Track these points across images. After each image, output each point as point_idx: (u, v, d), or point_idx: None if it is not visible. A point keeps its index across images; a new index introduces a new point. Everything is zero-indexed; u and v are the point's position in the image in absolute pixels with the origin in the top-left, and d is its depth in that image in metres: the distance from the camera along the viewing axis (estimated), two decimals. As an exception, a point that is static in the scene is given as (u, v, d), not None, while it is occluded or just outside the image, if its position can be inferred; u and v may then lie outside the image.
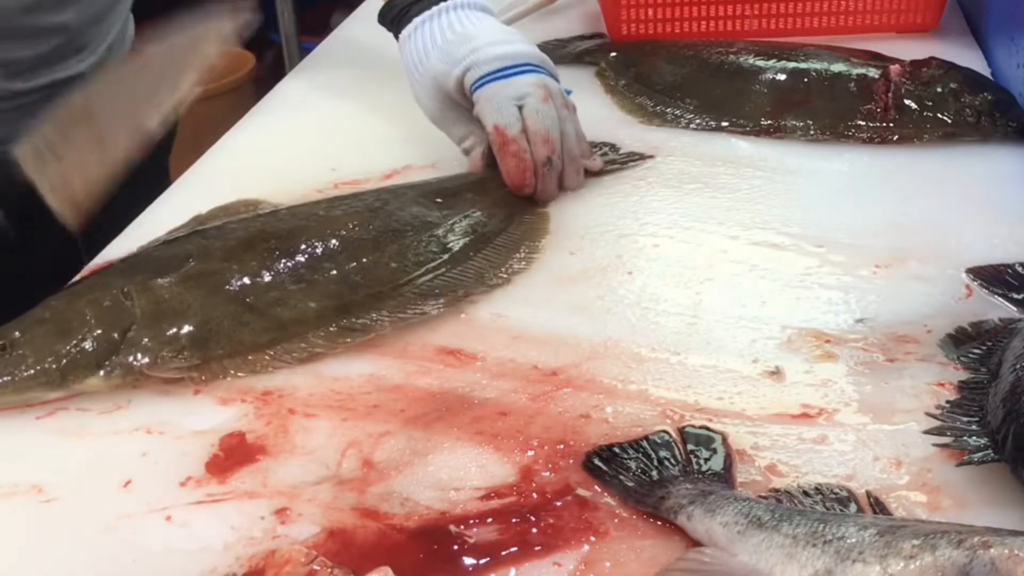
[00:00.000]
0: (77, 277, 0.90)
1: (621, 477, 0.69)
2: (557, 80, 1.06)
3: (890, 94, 1.15)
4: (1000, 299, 0.86)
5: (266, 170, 1.11)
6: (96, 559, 0.66)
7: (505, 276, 0.92)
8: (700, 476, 0.68)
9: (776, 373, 0.79)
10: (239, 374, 0.81)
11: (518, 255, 0.95)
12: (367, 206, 0.95)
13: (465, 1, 1.08)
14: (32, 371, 0.78)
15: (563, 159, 1.03)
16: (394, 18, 1.11)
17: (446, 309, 0.87)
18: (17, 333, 0.80)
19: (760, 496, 0.65)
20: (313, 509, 0.68)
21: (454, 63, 1.04)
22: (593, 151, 1.09)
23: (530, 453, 0.72)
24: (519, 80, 1.03)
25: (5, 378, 0.78)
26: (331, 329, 0.84)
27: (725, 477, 0.68)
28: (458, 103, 1.06)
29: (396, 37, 1.11)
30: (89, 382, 0.79)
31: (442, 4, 1.08)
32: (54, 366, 0.78)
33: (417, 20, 1.08)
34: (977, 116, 1.12)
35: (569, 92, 1.08)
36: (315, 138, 1.21)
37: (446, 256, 0.92)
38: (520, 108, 1.01)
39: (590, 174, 1.07)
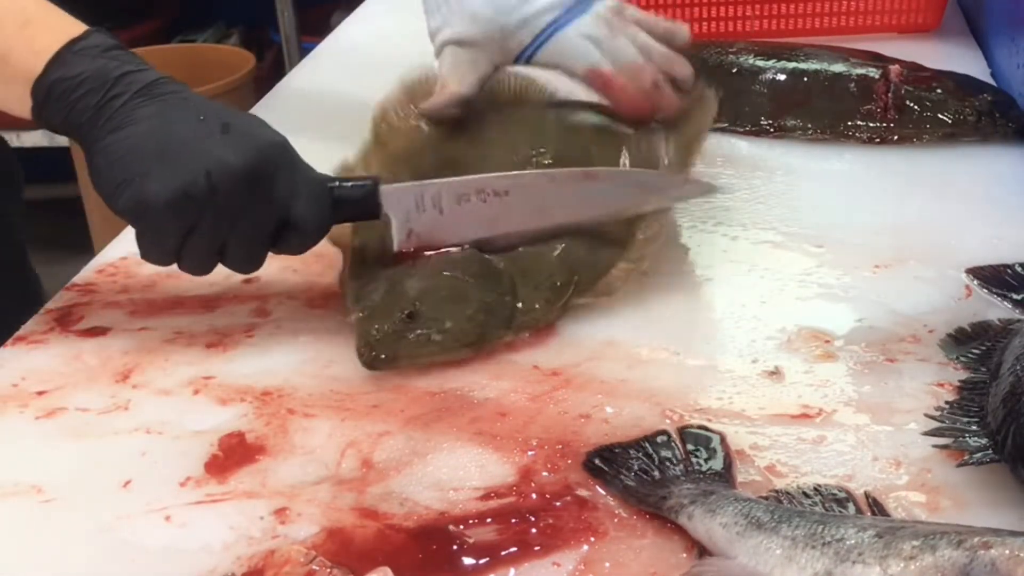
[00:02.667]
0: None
1: (622, 477, 0.69)
2: None
3: (890, 94, 1.15)
4: (1000, 299, 0.86)
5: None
6: (95, 559, 0.66)
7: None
8: (701, 476, 0.68)
9: (776, 373, 0.79)
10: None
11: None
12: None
13: None
14: (454, 333, 0.81)
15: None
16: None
17: None
18: (416, 303, 0.82)
19: (761, 496, 0.65)
20: (312, 509, 0.68)
21: (504, 11, 0.98)
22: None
23: (530, 453, 0.72)
24: (579, 24, 0.98)
25: (435, 338, 0.81)
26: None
27: (726, 477, 0.68)
28: (481, 40, 1.00)
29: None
30: (503, 339, 0.83)
31: None
32: (472, 327, 0.82)
33: None
34: (977, 117, 1.12)
35: None
36: (315, 138, 1.21)
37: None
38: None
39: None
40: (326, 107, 1.28)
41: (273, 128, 0.84)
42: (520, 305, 0.84)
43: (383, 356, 0.80)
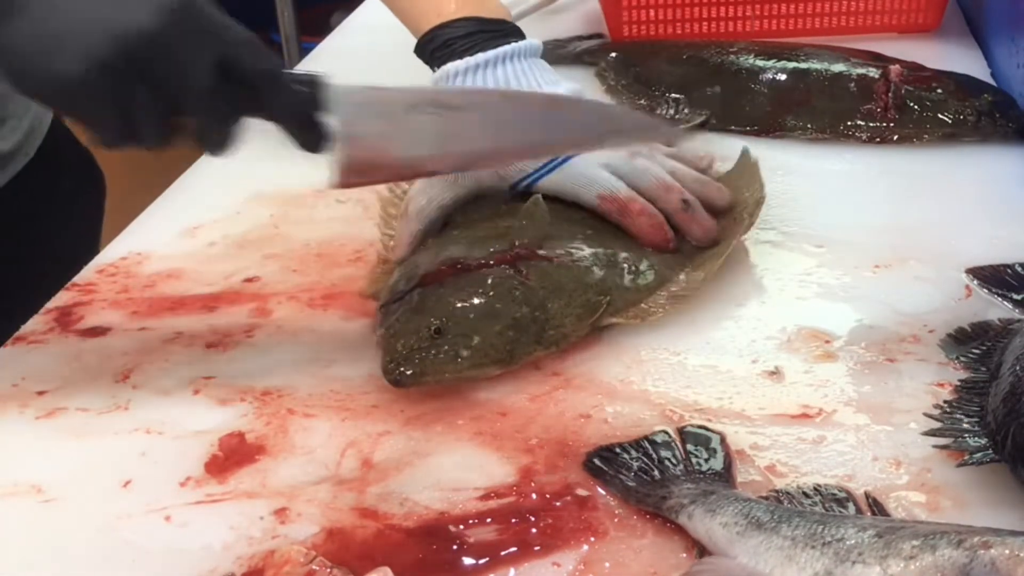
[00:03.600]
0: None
1: (622, 477, 0.69)
2: None
3: (890, 94, 1.15)
4: (1000, 299, 0.86)
5: (265, 170, 1.11)
6: (95, 559, 0.66)
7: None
8: (701, 476, 0.68)
9: (775, 373, 0.79)
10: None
11: None
12: None
13: (521, 48, 0.95)
14: (483, 349, 0.79)
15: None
16: (435, 50, 0.96)
17: None
18: (443, 319, 0.80)
19: (761, 496, 0.65)
20: (312, 509, 0.68)
21: None
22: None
23: (530, 453, 0.72)
24: (594, 153, 0.92)
25: (463, 353, 0.79)
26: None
27: (726, 477, 0.68)
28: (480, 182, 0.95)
29: (433, 70, 0.97)
30: (533, 355, 0.81)
31: (497, 50, 0.93)
32: (501, 343, 0.80)
33: (464, 63, 0.93)
34: (977, 117, 1.12)
35: None
36: (315, 138, 1.21)
37: None
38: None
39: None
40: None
41: None
42: (549, 321, 0.82)
43: (409, 372, 0.78)
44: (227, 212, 1.05)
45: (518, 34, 0.97)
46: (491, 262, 0.85)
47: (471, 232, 0.90)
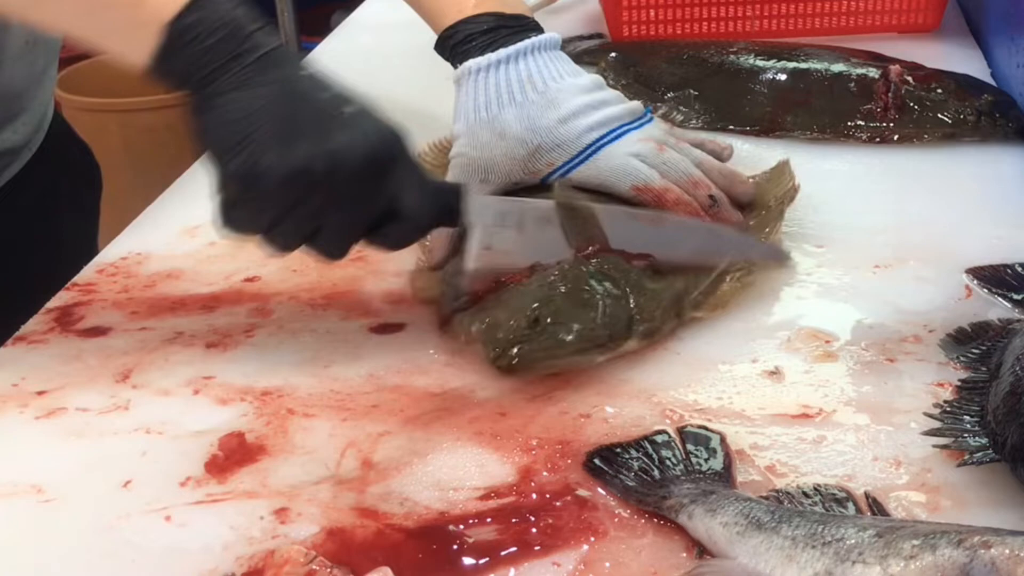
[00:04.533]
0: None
1: (622, 477, 0.69)
2: (649, 114, 0.97)
3: (890, 94, 1.15)
4: (1000, 299, 0.86)
5: (266, 170, 1.11)
6: (95, 559, 0.66)
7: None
8: (701, 476, 0.68)
9: (775, 373, 0.79)
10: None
11: None
12: None
13: (541, 42, 0.96)
14: (584, 333, 0.79)
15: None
16: (455, 45, 0.97)
17: None
18: (538, 308, 0.80)
19: (761, 496, 0.65)
20: (312, 509, 0.68)
21: (538, 131, 0.93)
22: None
23: (530, 453, 0.72)
24: (623, 143, 0.93)
25: (567, 338, 0.79)
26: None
27: (726, 477, 0.68)
28: (508, 172, 0.95)
29: (454, 66, 0.97)
30: (627, 345, 0.81)
31: (518, 45, 0.94)
32: (601, 327, 0.80)
33: (486, 59, 0.94)
34: (977, 117, 1.12)
35: (648, 112, 0.98)
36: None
37: None
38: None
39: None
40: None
41: (388, 116, 0.79)
42: (640, 312, 0.82)
43: (516, 360, 0.78)
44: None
45: (537, 28, 0.97)
46: (564, 261, 0.85)
47: None
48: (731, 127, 1.18)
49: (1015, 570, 0.52)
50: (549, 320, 0.79)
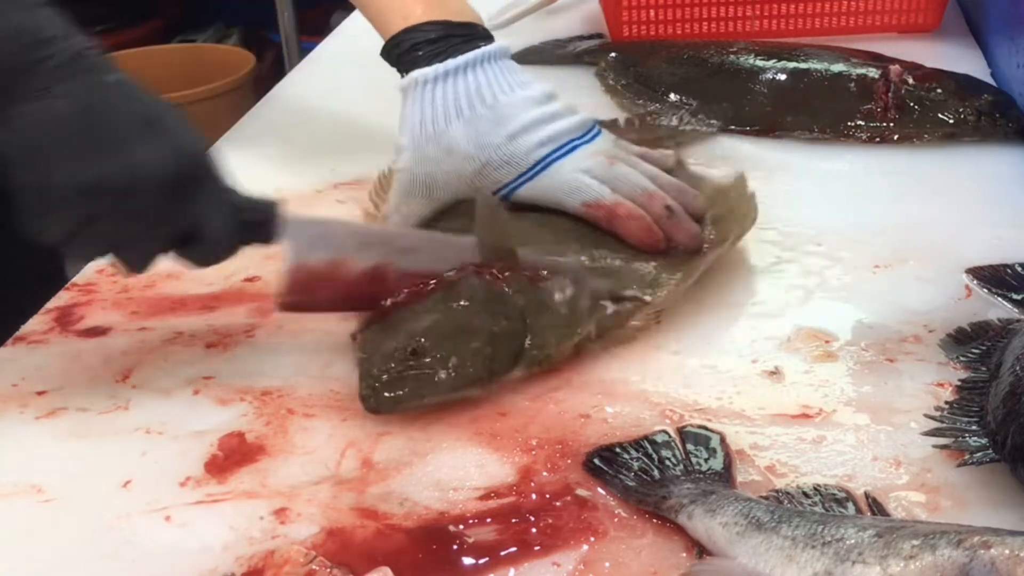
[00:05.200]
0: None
1: (622, 476, 0.69)
2: (598, 127, 0.94)
3: (890, 94, 1.15)
4: (1000, 299, 0.86)
5: (265, 170, 1.12)
6: (95, 559, 0.66)
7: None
8: (701, 476, 0.68)
9: (775, 373, 0.79)
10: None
11: None
12: None
13: (490, 52, 0.93)
14: (461, 370, 0.77)
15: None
16: (401, 55, 0.94)
17: None
18: (421, 339, 0.78)
19: (761, 496, 0.65)
20: (312, 509, 0.68)
21: (486, 148, 0.90)
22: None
23: (530, 453, 0.72)
24: (573, 159, 0.90)
25: (441, 376, 0.77)
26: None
27: (726, 477, 0.68)
28: (457, 188, 0.93)
29: (400, 75, 0.94)
30: (512, 375, 0.79)
31: (466, 56, 0.91)
32: (480, 361, 0.77)
33: (433, 70, 0.91)
34: (977, 116, 1.12)
35: (596, 125, 0.95)
36: (315, 138, 1.21)
37: None
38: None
39: None
40: (326, 107, 1.28)
41: (195, 131, 0.76)
42: (531, 340, 0.80)
43: (387, 396, 0.76)
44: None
45: (487, 37, 0.95)
46: (465, 275, 0.82)
47: None
48: (731, 127, 1.18)
49: (1015, 570, 0.52)
50: (427, 356, 0.77)
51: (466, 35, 0.93)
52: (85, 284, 0.95)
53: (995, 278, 0.88)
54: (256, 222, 0.78)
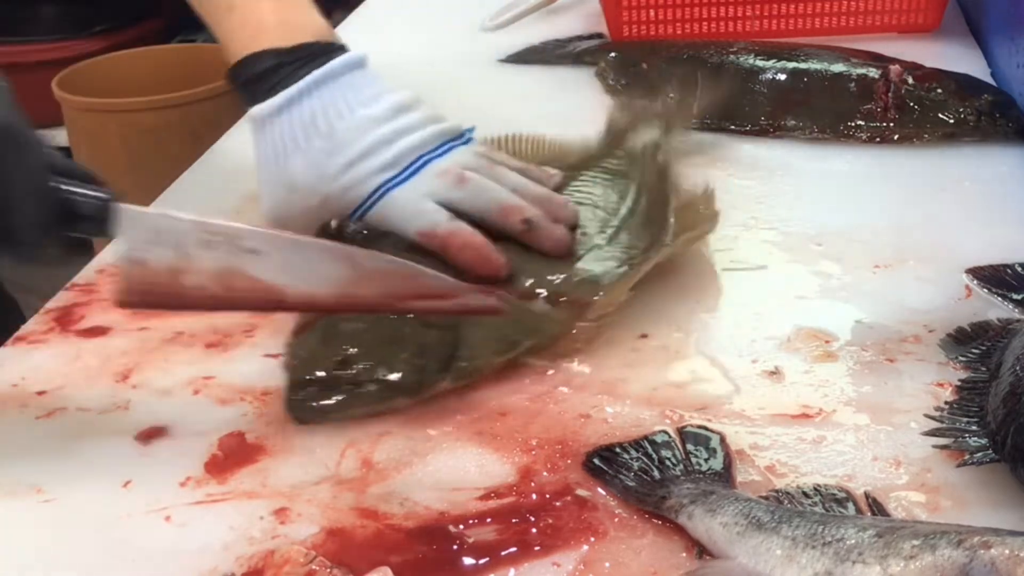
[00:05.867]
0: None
1: (622, 476, 0.69)
2: (467, 135, 0.89)
3: (890, 94, 1.15)
4: (1000, 299, 0.86)
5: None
6: (95, 559, 0.66)
7: None
8: (701, 476, 0.68)
9: (775, 373, 0.79)
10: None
11: None
12: None
13: (329, 71, 0.87)
14: (389, 381, 0.76)
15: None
16: (241, 86, 0.89)
17: None
18: (349, 348, 0.77)
19: (761, 496, 0.65)
20: (312, 509, 0.68)
21: (324, 179, 0.86)
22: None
23: (530, 453, 0.72)
24: (415, 181, 0.85)
25: (369, 388, 0.75)
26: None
27: (726, 477, 0.68)
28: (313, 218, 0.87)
29: (248, 106, 0.89)
30: (440, 387, 0.77)
31: (299, 84, 0.86)
32: (410, 376, 0.76)
33: (269, 105, 0.87)
34: (977, 116, 1.12)
35: (470, 131, 0.90)
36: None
37: None
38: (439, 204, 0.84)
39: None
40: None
41: (12, 107, 0.68)
42: (461, 351, 0.78)
43: (313, 406, 0.75)
44: (227, 212, 1.05)
45: (327, 52, 0.88)
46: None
47: None
48: (731, 127, 1.18)
49: (1015, 570, 0.52)
50: (356, 365, 0.76)
51: (302, 57, 0.88)
52: (85, 284, 0.95)
53: (995, 278, 0.88)
54: (84, 213, 0.70)
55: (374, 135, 0.86)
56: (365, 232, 0.86)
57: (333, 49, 0.89)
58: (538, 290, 0.84)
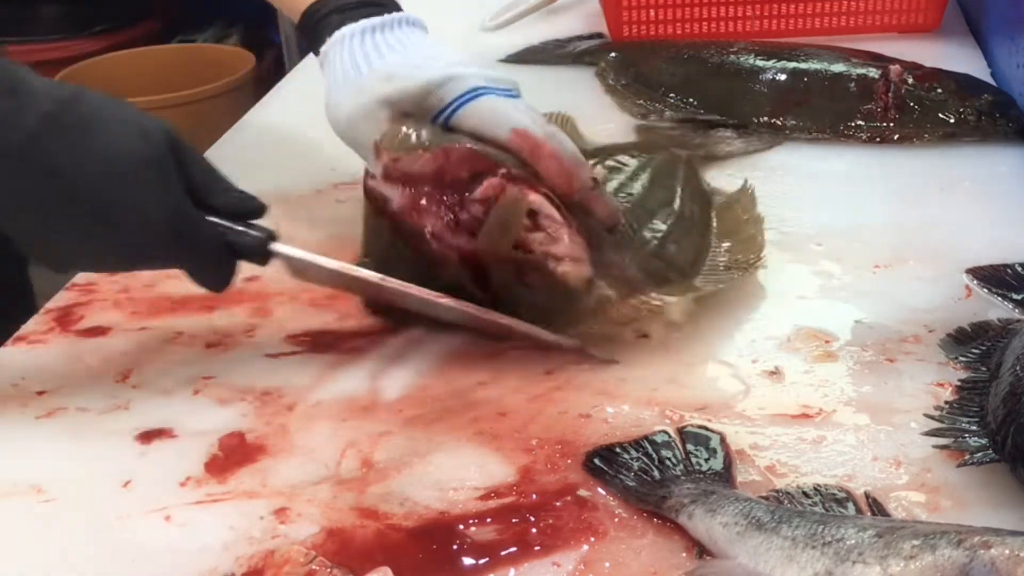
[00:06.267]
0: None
1: (622, 476, 0.69)
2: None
3: (890, 94, 1.15)
4: (1000, 299, 0.86)
5: (266, 170, 1.12)
6: (95, 559, 0.66)
7: None
8: (701, 476, 0.68)
9: (776, 373, 0.79)
10: None
11: None
12: None
13: (410, 16, 0.91)
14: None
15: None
16: (319, 20, 0.91)
17: None
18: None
19: (761, 496, 0.65)
20: (312, 509, 0.68)
21: (425, 67, 0.85)
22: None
23: (530, 453, 0.72)
24: (508, 98, 0.86)
25: None
26: None
27: (726, 477, 0.68)
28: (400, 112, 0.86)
29: (316, 51, 0.92)
30: None
31: (383, 17, 0.89)
32: None
33: (359, 25, 0.89)
34: (977, 116, 1.12)
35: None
36: (315, 138, 1.21)
37: None
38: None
39: None
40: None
41: (170, 186, 0.75)
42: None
43: None
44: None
45: (398, 7, 0.92)
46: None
47: None
48: (731, 127, 1.17)
49: (1015, 570, 0.52)
50: None
51: (383, 3, 0.91)
52: (85, 284, 0.94)
53: (995, 278, 0.88)
54: (243, 252, 0.80)
55: (462, 58, 0.88)
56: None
57: (401, 8, 0.93)
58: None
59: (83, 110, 0.72)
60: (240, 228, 0.79)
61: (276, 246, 0.80)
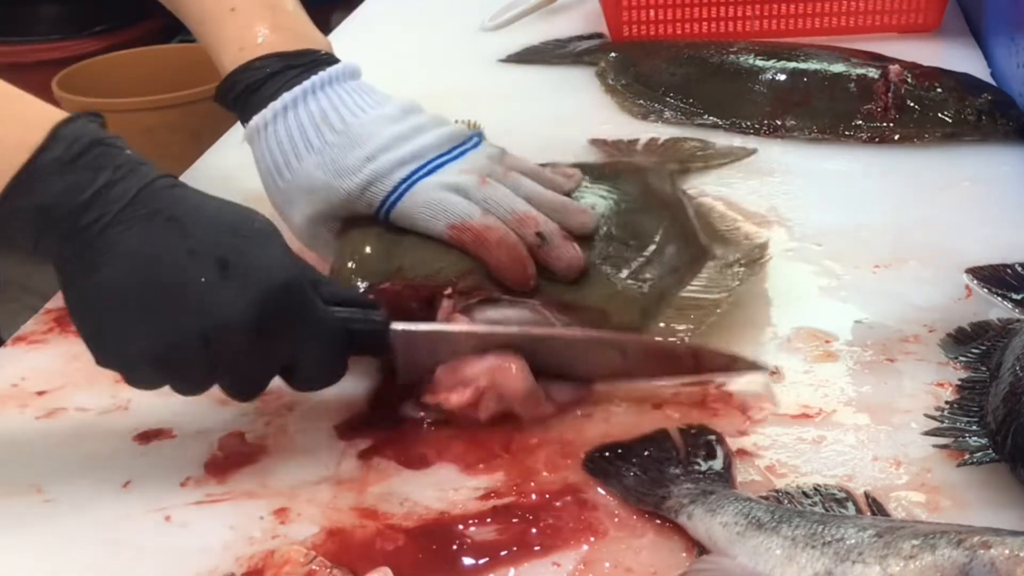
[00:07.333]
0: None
1: (622, 476, 0.69)
2: (477, 138, 0.86)
3: (890, 94, 1.15)
4: (1000, 299, 0.86)
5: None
6: (95, 559, 0.66)
7: None
8: (701, 476, 0.68)
9: (775, 373, 0.79)
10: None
11: None
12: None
13: (334, 74, 0.85)
14: None
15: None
16: (237, 97, 0.86)
17: None
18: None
19: (761, 496, 0.65)
20: (312, 509, 0.68)
21: (344, 174, 0.81)
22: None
23: (530, 453, 0.72)
24: (440, 176, 0.81)
25: None
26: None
27: (726, 477, 0.68)
28: (341, 218, 0.84)
29: (243, 122, 0.86)
30: None
31: (305, 83, 0.84)
32: None
33: (274, 106, 0.83)
34: (977, 116, 1.12)
35: (476, 136, 0.86)
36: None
37: None
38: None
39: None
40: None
41: (285, 253, 0.70)
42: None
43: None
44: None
45: (330, 60, 0.88)
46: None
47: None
48: (731, 127, 1.17)
49: (1015, 570, 0.52)
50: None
51: (306, 63, 0.86)
52: (85, 284, 0.94)
53: (995, 278, 0.88)
54: (364, 341, 0.74)
55: (391, 131, 0.83)
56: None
57: (332, 57, 0.88)
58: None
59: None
60: (359, 314, 0.74)
61: (397, 325, 0.74)
